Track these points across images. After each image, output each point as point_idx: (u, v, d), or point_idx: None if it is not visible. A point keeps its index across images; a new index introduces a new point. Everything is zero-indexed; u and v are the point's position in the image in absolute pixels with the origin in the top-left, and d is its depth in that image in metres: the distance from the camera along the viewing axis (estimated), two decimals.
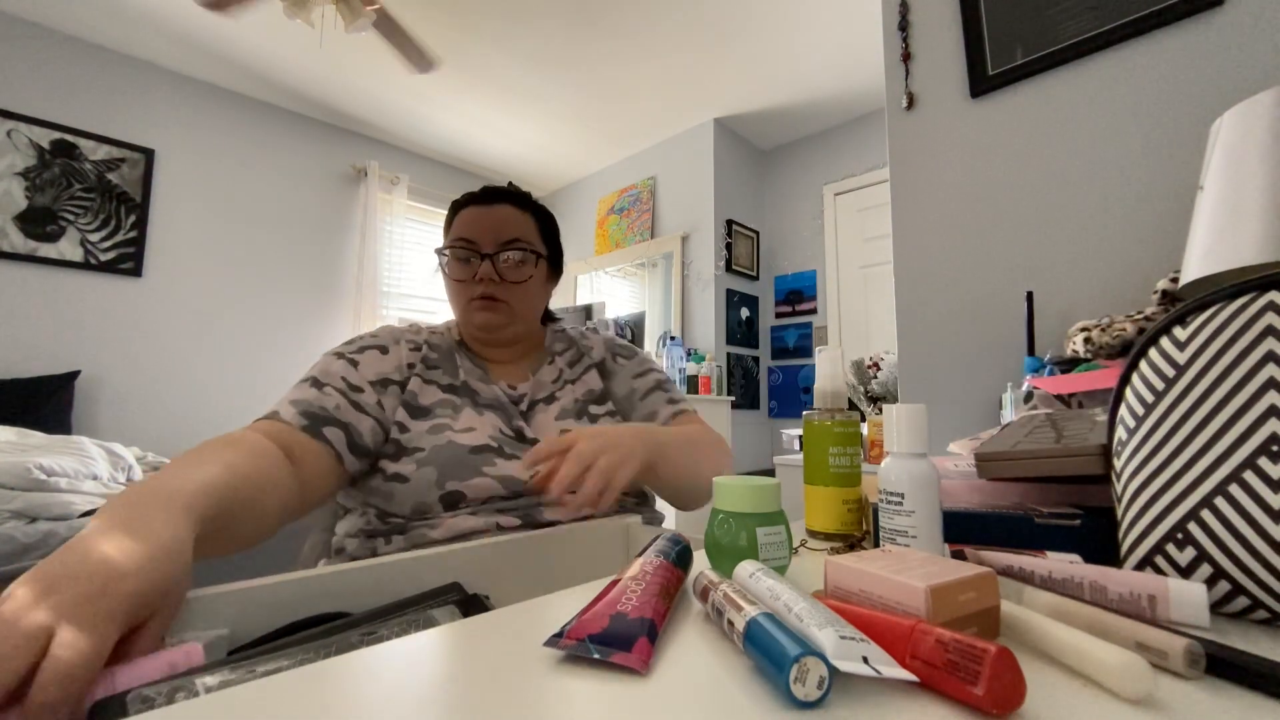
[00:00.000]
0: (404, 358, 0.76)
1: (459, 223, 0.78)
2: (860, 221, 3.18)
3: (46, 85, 2.55)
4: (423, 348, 0.78)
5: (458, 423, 0.70)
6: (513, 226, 0.78)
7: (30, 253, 2.46)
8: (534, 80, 2.99)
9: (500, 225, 0.77)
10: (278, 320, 3.17)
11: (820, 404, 0.53)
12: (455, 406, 0.72)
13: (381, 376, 0.72)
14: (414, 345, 0.78)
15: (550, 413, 0.77)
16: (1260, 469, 0.30)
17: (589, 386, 0.82)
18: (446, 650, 0.28)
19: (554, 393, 0.80)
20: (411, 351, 0.77)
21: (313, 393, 0.66)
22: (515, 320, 0.79)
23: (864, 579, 0.30)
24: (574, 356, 0.86)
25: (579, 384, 0.82)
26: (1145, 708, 0.22)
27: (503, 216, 0.78)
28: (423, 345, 0.79)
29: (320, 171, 3.38)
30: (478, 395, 0.75)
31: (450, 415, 0.71)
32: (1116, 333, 0.86)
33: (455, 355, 0.79)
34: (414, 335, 0.80)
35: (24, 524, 1.44)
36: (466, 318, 0.78)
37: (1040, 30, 1.16)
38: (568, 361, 0.85)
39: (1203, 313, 0.34)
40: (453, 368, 0.78)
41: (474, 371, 0.78)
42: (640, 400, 0.84)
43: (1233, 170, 0.65)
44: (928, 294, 1.31)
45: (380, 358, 0.73)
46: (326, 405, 0.65)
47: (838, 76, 2.93)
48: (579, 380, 0.83)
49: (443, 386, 0.75)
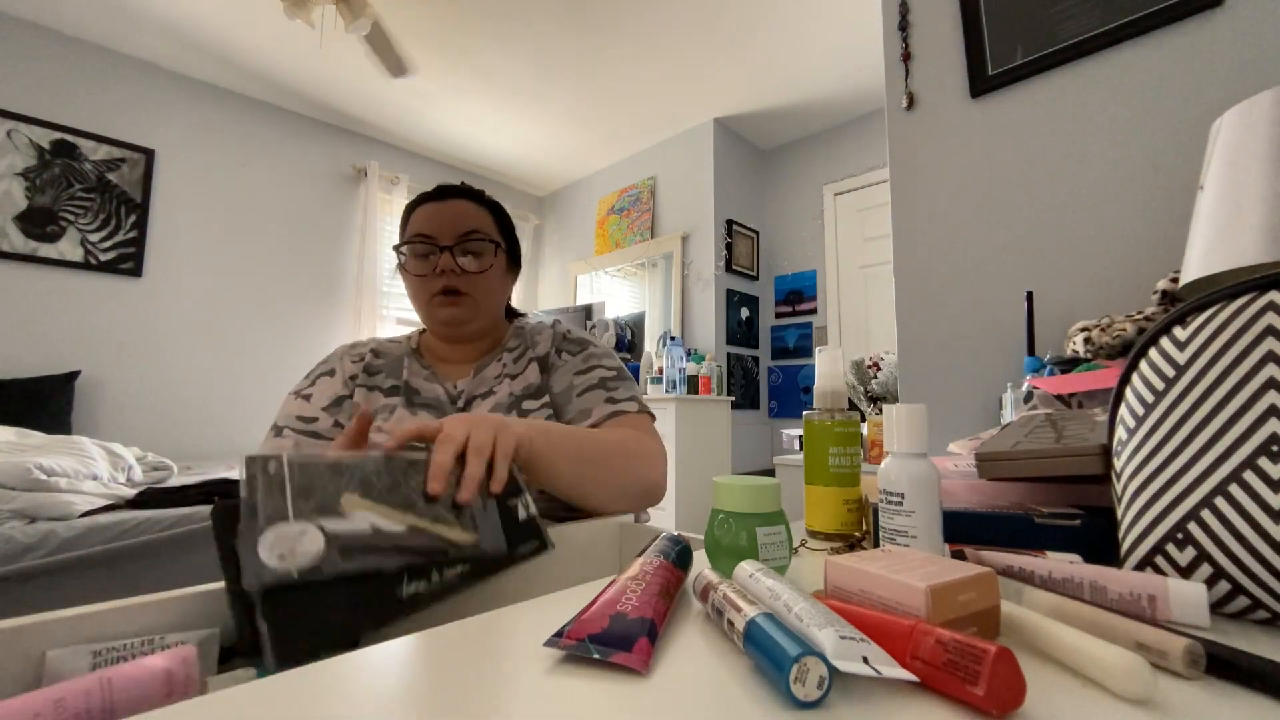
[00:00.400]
0: (347, 370, 0.79)
1: (415, 220, 0.80)
2: (860, 221, 3.18)
3: (46, 85, 2.55)
4: (365, 357, 0.81)
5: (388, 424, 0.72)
6: (469, 219, 0.80)
7: (30, 253, 2.46)
8: (534, 80, 2.99)
9: (457, 219, 0.79)
10: (278, 320, 3.17)
11: (820, 404, 0.53)
12: (390, 409, 0.74)
13: (333, 398, 0.76)
14: (356, 358, 0.81)
15: (484, 408, 0.76)
16: (1260, 469, 0.30)
17: (527, 381, 0.80)
18: (446, 650, 0.28)
19: (492, 388, 0.79)
20: (354, 364, 0.80)
21: (275, 441, 0.71)
22: (479, 314, 0.80)
23: (864, 579, 0.30)
24: (520, 351, 0.85)
25: (519, 379, 0.80)
26: (1145, 708, 0.22)
27: (459, 210, 0.79)
28: (365, 355, 0.81)
29: (320, 171, 3.38)
30: (417, 394, 0.77)
31: (384, 417, 0.73)
32: (1116, 333, 0.86)
33: (404, 359, 0.81)
34: (359, 348, 0.82)
35: (24, 524, 1.44)
36: (430, 315, 0.79)
37: (1040, 30, 1.16)
38: (514, 356, 0.83)
39: (1203, 313, 0.34)
40: (397, 370, 0.79)
41: (420, 372, 0.79)
42: (577, 396, 0.78)
43: (1233, 170, 0.65)
44: (928, 294, 1.31)
45: (329, 381, 0.78)
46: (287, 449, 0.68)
47: (838, 76, 2.93)
48: (519, 375, 0.81)
49: (385, 390, 0.77)
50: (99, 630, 0.35)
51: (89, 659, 0.34)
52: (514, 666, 0.26)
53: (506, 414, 0.75)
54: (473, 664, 0.26)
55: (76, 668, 0.34)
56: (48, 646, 0.33)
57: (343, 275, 3.43)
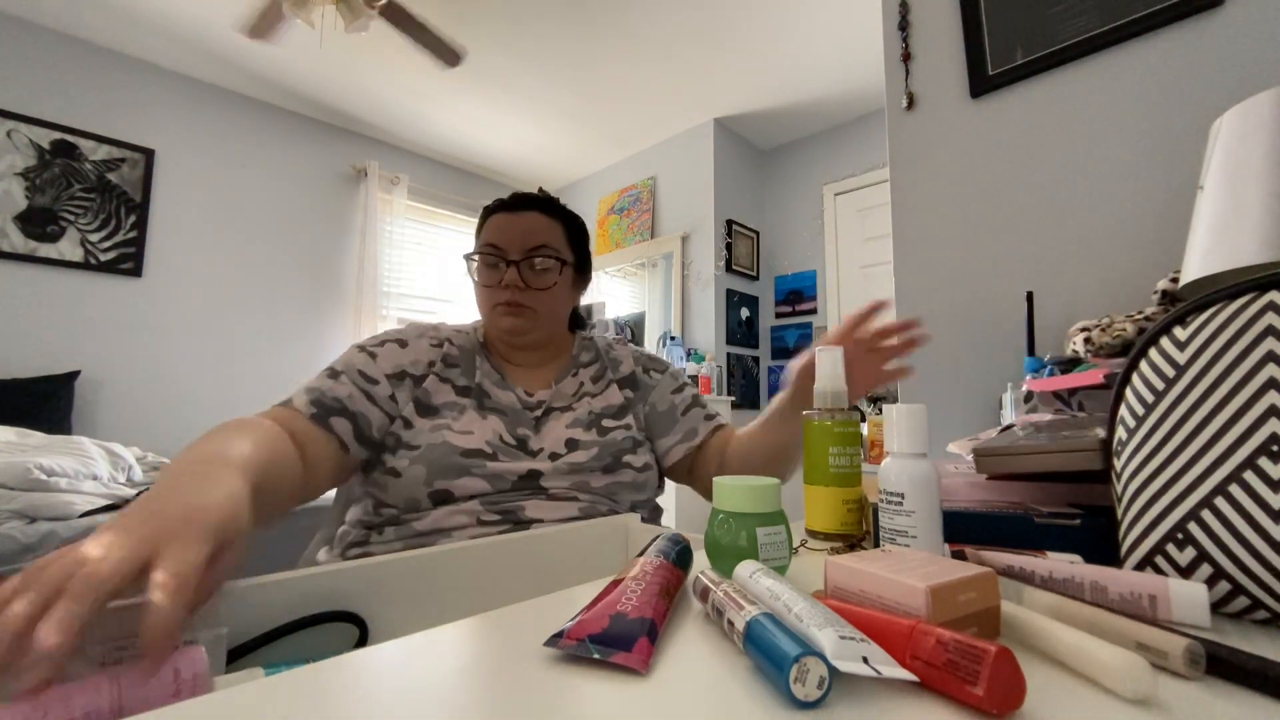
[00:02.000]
0: (424, 354, 0.76)
1: (488, 229, 0.80)
2: (860, 221, 3.18)
3: (46, 85, 2.55)
4: (444, 345, 0.79)
5: (458, 424, 0.71)
6: (539, 233, 0.79)
7: (30, 253, 2.46)
8: (534, 80, 2.99)
9: (527, 232, 0.79)
10: (278, 320, 3.17)
11: (820, 404, 0.53)
12: (460, 409, 0.73)
13: (398, 369, 0.73)
14: (435, 342, 0.79)
15: (562, 421, 0.77)
16: (1260, 469, 0.30)
17: (609, 401, 0.82)
18: (448, 649, 0.28)
19: (571, 403, 0.80)
20: (433, 348, 0.78)
21: (329, 383, 0.68)
22: (539, 325, 0.80)
23: (864, 579, 0.30)
24: (599, 370, 0.86)
25: (599, 398, 0.82)
26: (1145, 708, 0.22)
27: (530, 224, 0.79)
28: (444, 343, 0.79)
29: (320, 171, 3.38)
30: (488, 398, 0.76)
31: (453, 416, 0.72)
32: (1116, 333, 0.86)
33: (476, 357, 0.80)
34: (435, 334, 0.80)
35: (24, 524, 1.44)
36: (492, 322, 0.79)
37: (1040, 30, 1.16)
38: (592, 375, 0.85)
39: (1203, 313, 0.34)
40: (470, 369, 0.78)
41: (491, 374, 0.78)
42: (682, 416, 0.84)
43: (1233, 170, 0.65)
44: (928, 294, 1.31)
45: (399, 351, 0.75)
46: (340, 395, 0.67)
47: (838, 76, 2.93)
48: (600, 395, 0.82)
49: (457, 388, 0.76)
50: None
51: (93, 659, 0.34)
52: (514, 666, 0.26)
53: (586, 430, 0.76)
54: (472, 664, 0.26)
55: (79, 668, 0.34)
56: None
57: (343, 275, 3.43)
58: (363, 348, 0.74)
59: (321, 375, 0.69)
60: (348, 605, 0.44)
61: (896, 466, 0.40)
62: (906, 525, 0.39)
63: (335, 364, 0.71)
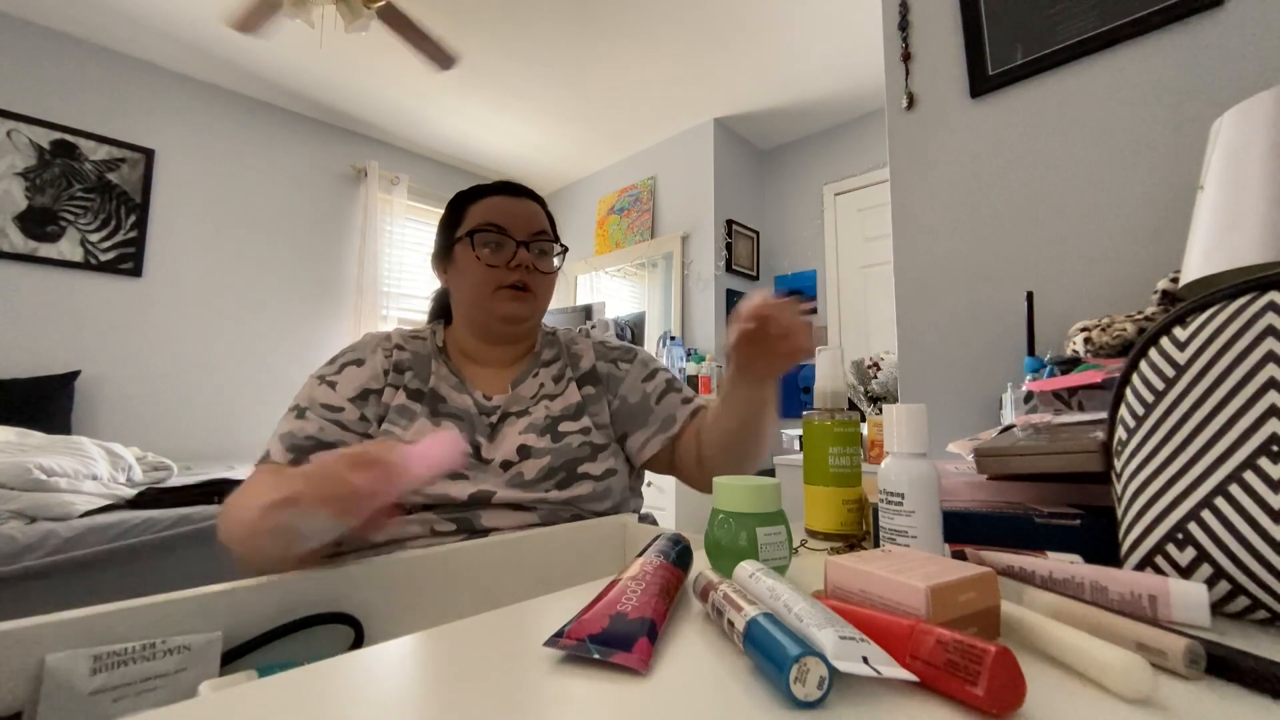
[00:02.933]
0: (379, 365, 0.75)
1: (484, 210, 0.77)
2: (860, 221, 3.18)
3: (46, 85, 2.55)
4: (393, 353, 0.76)
5: (407, 433, 0.68)
6: (539, 219, 0.80)
7: (30, 253, 2.46)
8: (534, 80, 2.99)
9: (530, 217, 0.79)
10: (278, 320, 3.17)
11: (820, 404, 0.53)
12: (411, 415, 0.70)
13: (360, 389, 0.72)
14: (387, 351, 0.77)
15: (517, 427, 0.73)
16: (1260, 469, 0.30)
17: (567, 401, 0.78)
18: (446, 650, 0.28)
19: (528, 407, 0.76)
20: (385, 358, 0.76)
21: (297, 423, 0.67)
22: (538, 312, 0.80)
23: (864, 579, 0.30)
24: (560, 369, 0.82)
25: (558, 399, 0.78)
26: (1145, 708, 0.22)
27: (530, 209, 0.80)
28: (393, 350, 0.77)
29: (320, 171, 3.38)
30: (443, 403, 0.73)
31: (403, 425, 0.69)
32: (1116, 333, 0.86)
33: (432, 360, 0.77)
34: (387, 342, 0.78)
35: (24, 524, 1.44)
36: (490, 307, 0.76)
37: (1040, 30, 1.16)
38: (554, 375, 0.81)
39: (1203, 313, 0.34)
40: (425, 372, 0.75)
41: (448, 378, 0.75)
42: (655, 404, 0.80)
43: (1233, 170, 0.65)
44: (928, 294, 1.31)
45: (357, 371, 0.73)
46: (310, 432, 0.66)
47: (838, 76, 2.93)
48: (560, 395, 0.79)
49: (409, 392, 0.73)
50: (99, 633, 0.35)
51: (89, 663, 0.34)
52: (513, 667, 0.26)
53: (541, 436, 0.72)
54: (472, 664, 0.26)
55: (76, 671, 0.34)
56: (45, 650, 0.33)
57: (343, 275, 3.43)
58: (322, 378, 0.72)
59: (289, 417, 0.68)
60: (343, 607, 0.44)
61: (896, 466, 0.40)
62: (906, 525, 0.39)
63: (299, 400, 0.70)
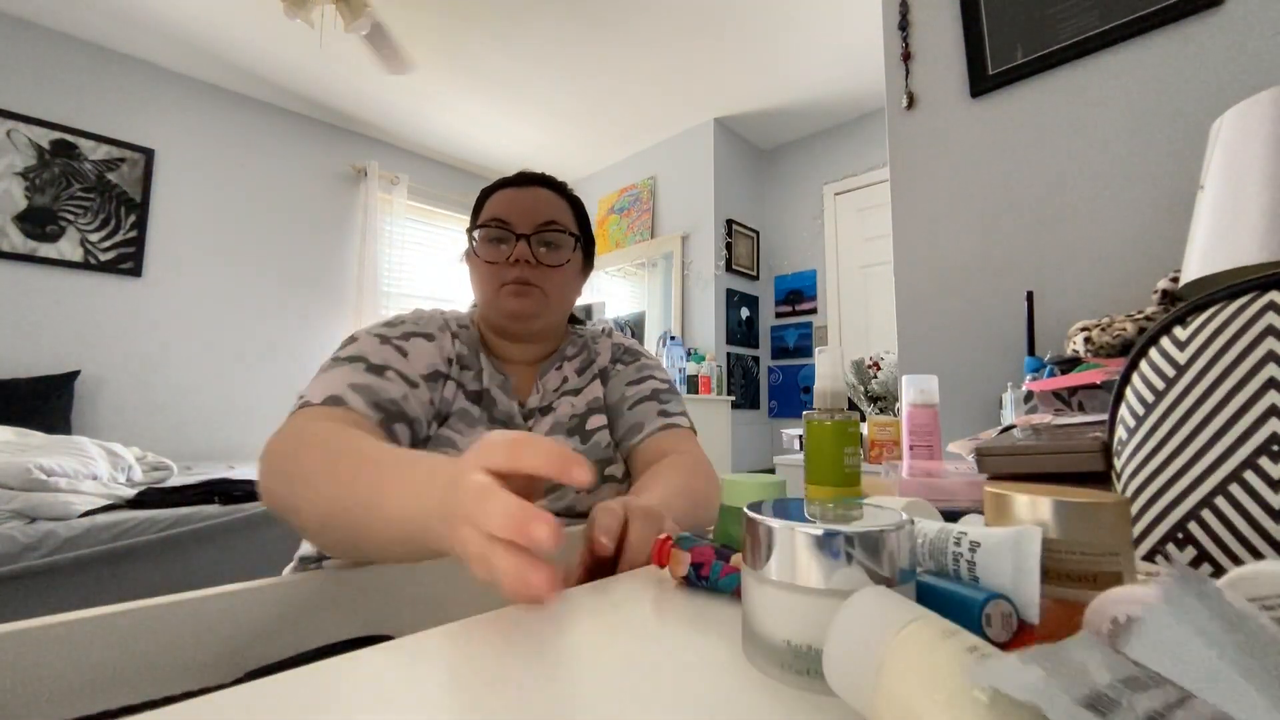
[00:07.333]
0: (448, 349, 0.70)
1: (492, 205, 0.74)
2: (860, 221, 3.18)
3: (46, 85, 2.55)
4: (454, 342, 0.72)
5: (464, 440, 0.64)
6: (549, 208, 0.74)
7: (30, 253, 2.46)
8: (534, 80, 2.99)
9: (537, 207, 0.73)
10: (278, 320, 3.17)
11: (820, 404, 0.53)
12: (471, 421, 0.67)
13: (433, 369, 0.66)
14: (453, 336, 0.73)
15: (544, 424, 0.71)
16: (1260, 468, 0.30)
17: (590, 396, 0.75)
18: (448, 650, 0.28)
19: (553, 403, 0.73)
20: (451, 343, 0.71)
21: (378, 381, 0.59)
22: (547, 309, 0.72)
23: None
24: (583, 362, 0.79)
25: (581, 395, 0.75)
26: None
27: (539, 198, 0.74)
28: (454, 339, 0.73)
29: (320, 171, 3.38)
30: (495, 406, 0.70)
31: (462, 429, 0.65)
32: (1116, 333, 0.86)
33: (480, 355, 0.74)
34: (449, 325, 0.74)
35: (24, 524, 1.44)
36: (495, 305, 0.72)
37: (1040, 30, 1.16)
38: (576, 368, 0.78)
39: (1203, 312, 0.34)
40: (476, 368, 0.72)
41: (495, 378, 0.72)
42: (628, 410, 0.75)
43: (1233, 170, 0.65)
44: (928, 294, 1.31)
45: (427, 346, 0.67)
46: (394, 395, 0.59)
47: (838, 76, 2.93)
48: (583, 390, 0.75)
49: (468, 392, 0.69)
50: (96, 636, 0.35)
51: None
52: (515, 666, 0.26)
53: (567, 435, 0.70)
54: (473, 664, 0.26)
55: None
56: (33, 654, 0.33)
57: (343, 275, 3.43)
58: (386, 339, 0.64)
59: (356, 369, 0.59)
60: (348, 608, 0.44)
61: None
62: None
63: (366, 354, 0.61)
